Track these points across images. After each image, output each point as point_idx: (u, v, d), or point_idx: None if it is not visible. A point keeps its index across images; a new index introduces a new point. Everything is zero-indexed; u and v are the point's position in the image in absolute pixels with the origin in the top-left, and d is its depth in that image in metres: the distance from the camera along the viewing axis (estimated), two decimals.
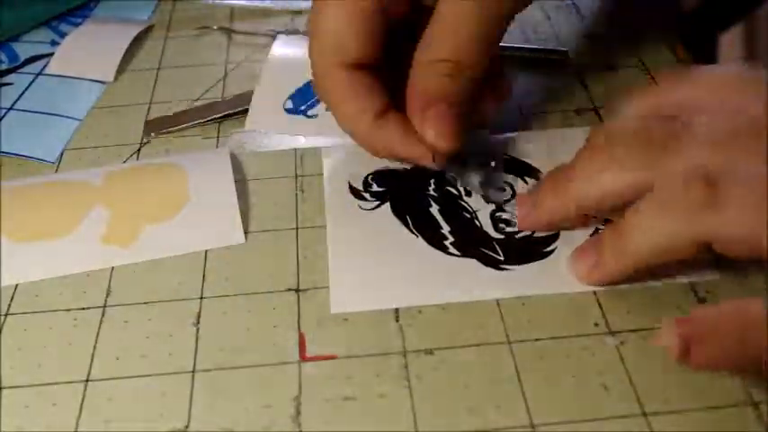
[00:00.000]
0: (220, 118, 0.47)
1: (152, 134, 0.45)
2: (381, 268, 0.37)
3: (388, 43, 0.39)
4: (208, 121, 0.46)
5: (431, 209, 0.40)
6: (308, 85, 0.49)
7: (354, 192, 0.41)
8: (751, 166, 0.31)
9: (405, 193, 0.40)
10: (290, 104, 0.47)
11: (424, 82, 0.38)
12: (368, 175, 0.42)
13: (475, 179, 0.40)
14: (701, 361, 0.29)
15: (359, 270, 0.37)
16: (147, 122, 0.46)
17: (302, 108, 0.47)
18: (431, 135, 0.38)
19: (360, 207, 0.40)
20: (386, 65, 0.39)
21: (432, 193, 0.41)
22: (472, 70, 0.38)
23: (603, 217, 0.38)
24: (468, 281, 0.36)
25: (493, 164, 0.41)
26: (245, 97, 0.48)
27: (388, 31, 0.39)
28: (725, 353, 0.29)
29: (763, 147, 0.32)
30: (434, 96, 0.38)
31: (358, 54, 0.38)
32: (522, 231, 0.38)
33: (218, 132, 0.46)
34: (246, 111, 0.47)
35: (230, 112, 0.47)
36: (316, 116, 0.47)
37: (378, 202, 0.40)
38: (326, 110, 0.46)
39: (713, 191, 0.31)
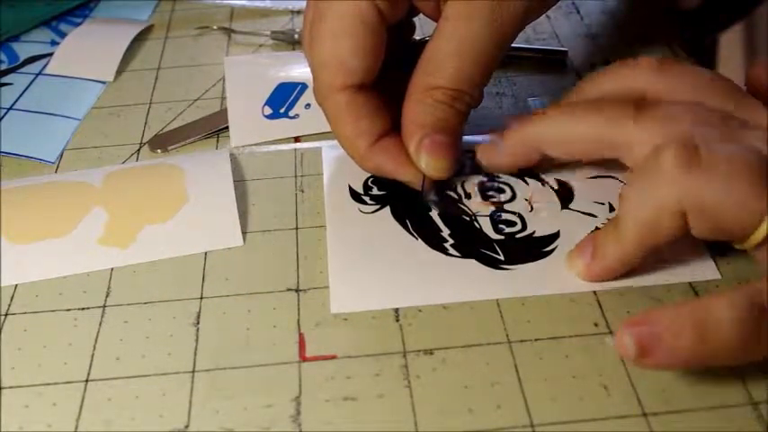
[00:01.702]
0: (225, 128, 0.47)
1: (158, 150, 0.45)
2: (381, 268, 0.37)
3: (387, 51, 0.39)
4: (210, 134, 0.46)
5: (430, 212, 0.40)
6: (279, 87, 0.49)
7: (355, 195, 0.41)
8: (725, 145, 0.32)
9: (405, 197, 0.40)
10: (268, 110, 0.47)
11: (420, 109, 0.38)
12: (368, 178, 0.42)
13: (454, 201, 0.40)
14: (659, 362, 0.30)
15: (359, 270, 0.37)
16: (151, 139, 0.46)
17: (282, 111, 0.47)
18: (424, 163, 0.38)
19: (360, 211, 0.40)
20: (384, 73, 0.39)
21: (432, 197, 0.40)
22: (471, 96, 0.38)
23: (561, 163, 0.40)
24: (468, 281, 0.36)
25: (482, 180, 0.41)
26: None
27: (387, 40, 0.39)
28: (683, 353, 0.29)
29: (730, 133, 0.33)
30: (430, 125, 0.38)
31: (361, 74, 0.38)
32: (522, 232, 0.38)
33: (217, 143, 0.46)
34: None
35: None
36: (298, 116, 0.47)
37: (378, 206, 0.40)
38: (306, 107, 0.46)
39: (695, 153, 0.31)
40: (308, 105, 0.47)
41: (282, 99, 0.48)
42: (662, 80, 0.37)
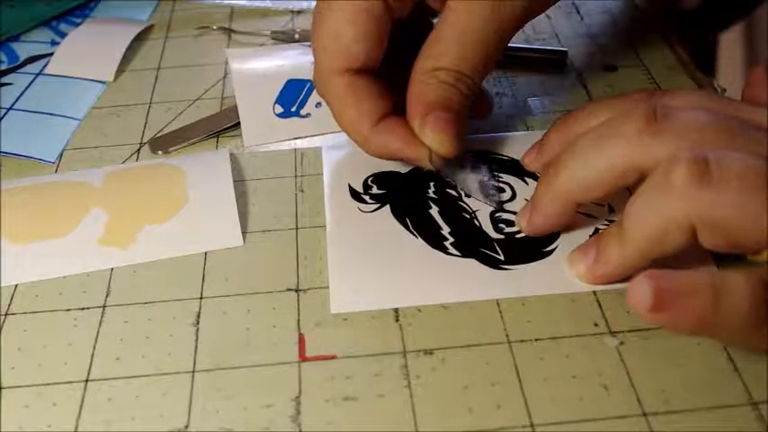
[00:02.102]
0: (226, 129, 0.47)
1: (159, 152, 0.45)
2: (381, 268, 0.37)
3: (390, 42, 0.39)
4: (212, 134, 0.46)
5: (430, 210, 0.40)
6: (288, 84, 0.49)
7: (354, 194, 0.41)
8: (738, 155, 0.31)
9: (405, 196, 0.40)
10: (279, 109, 0.47)
11: (424, 88, 0.38)
12: (368, 177, 0.42)
13: (472, 182, 0.40)
14: (669, 319, 0.29)
15: (358, 270, 0.37)
16: (151, 141, 0.46)
17: (293, 109, 0.47)
18: (429, 138, 0.39)
19: (360, 210, 0.40)
20: (386, 63, 0.40)
21: (431, 195, 0.41)
22: (473, 80, 0.39)
23: (599, 208, 0.38)
24: (468, 281, 0.36)
25: (484, 175, 0.41)
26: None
27: (392, 31, 0.39)
28: (694, 315, 0.29)
29: (744, 141, 0.32)
30: (434, 103, 0.38)
31: (362, 60, 0.39)
32: (522, 232, 0.38)
33: (217, 144, 0.46)
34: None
35: (233, 123, 0.47)
36: (309, 115, 0.47)
37: (378, 205, 0.40)
38: (317, 106, 0.46)
39: (705, 169, 0.31)
40: (318, 104, 0.47)
41: (293, 97, 0.48)
42: (661, 100, 0.36)
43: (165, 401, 0.32)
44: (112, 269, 0.38)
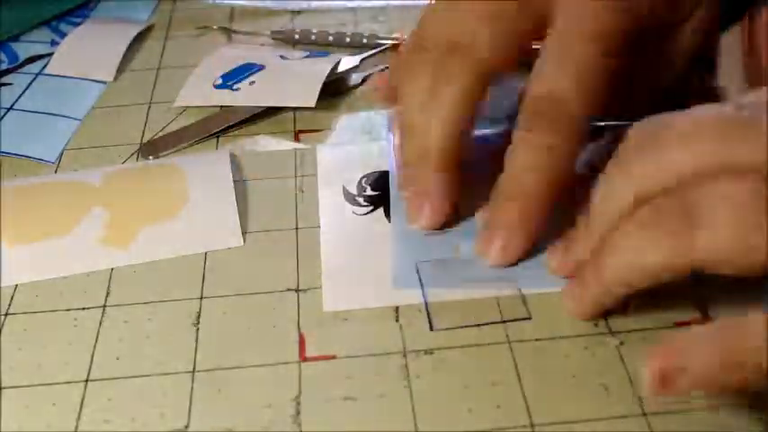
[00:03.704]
0: (226, 129, 0.47)
1: (150, 157, 0.45)
2: (373, 268, 0.36)
3: None
4: (211, 134, 0.46)
5: None
6: (242, 66, 0.51)
7: (348, 197, 0.41)
8: (728, 184, 0.29)
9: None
10: (219, 81, 0.49)
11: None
12: (362, 177, 0.42)
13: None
14: (679, 392, 0.28)
15: (351, 271, 0.37)
16: (143, 145, 0.46)
17: (229, 83, 0.49)
18: None
19: (354, 213, 0.40)
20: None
21: None
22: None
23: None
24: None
25: None
26: (239, 111, 0.47)
27: None
28: (706, 381, 0.27)
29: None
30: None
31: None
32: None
33: (217, 144, 0.46)
34: (243, 123, 0.47)
35: (226, 126, 0.47)
36: (239, 89, 0.48)
37: (371, 208, 0.40)
38: (251, 84, 0.49)
39: (687, 218, 0.29)
40: (252, 82, 0.49)
41: (234, 76, 0.50)
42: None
43: (165, 401, 0.32)
44: (112, 269, 0.38)
